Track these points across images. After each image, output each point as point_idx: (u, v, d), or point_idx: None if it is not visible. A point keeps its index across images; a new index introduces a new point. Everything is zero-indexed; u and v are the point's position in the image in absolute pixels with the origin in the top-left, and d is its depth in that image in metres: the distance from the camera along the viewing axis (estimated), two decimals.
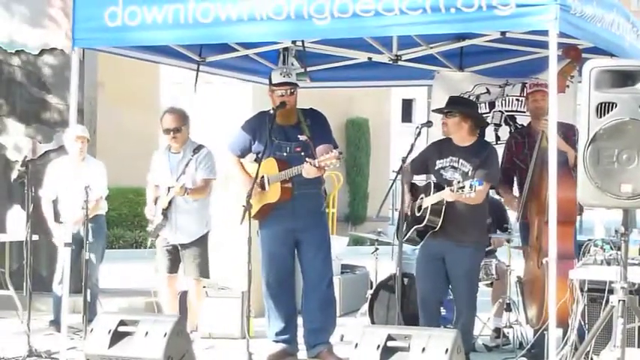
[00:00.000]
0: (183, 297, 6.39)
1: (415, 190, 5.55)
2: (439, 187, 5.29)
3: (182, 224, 6.05)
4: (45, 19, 8.33)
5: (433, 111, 5.70)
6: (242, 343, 5.47)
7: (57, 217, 6.73)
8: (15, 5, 8.34)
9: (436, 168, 5.46)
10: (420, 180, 5.75)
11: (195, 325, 6.27)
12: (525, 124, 6.11)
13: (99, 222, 6.78)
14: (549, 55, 4.26)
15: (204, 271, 6.14)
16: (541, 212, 5.21)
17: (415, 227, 5.40)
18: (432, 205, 5.29)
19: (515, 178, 5.84)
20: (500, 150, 5.90)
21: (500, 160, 5.66)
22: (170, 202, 6.02)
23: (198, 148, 6.06)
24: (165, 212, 6.04)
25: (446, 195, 5.15)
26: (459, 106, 5.53)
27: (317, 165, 5.23)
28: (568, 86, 5.41)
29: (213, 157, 6.07)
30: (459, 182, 5.01)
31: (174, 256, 6.16)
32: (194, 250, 6.08)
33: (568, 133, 5.34)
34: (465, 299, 5.42)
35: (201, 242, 6.11)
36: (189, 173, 6.00)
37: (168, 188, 5.99)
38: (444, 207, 5.25)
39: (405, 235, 5.35)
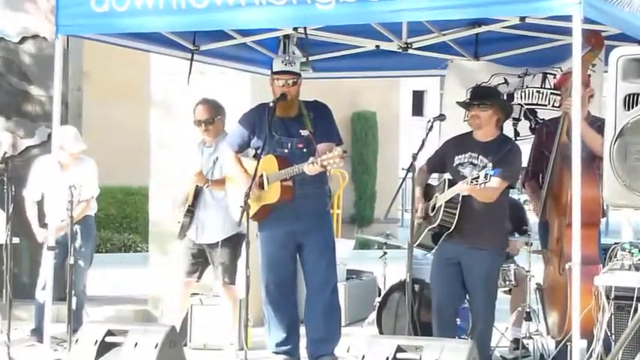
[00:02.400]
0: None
1: (430, 190, 5.54)
2: (453, 184, 5.29)
3: (209, 222, 6.01)
4: (26, 2, 8.33)
5: (460, 104, 5.64)
6: (240, 354, 5.47)
7: (42, 219, 6.72)
8: None
9: (454, 165, 5.45)
10: (434, 179, 5.74)
11: (230, 338, 6.14)
12: (547, 119, 6.08)
13: (88, 223, 6.78)
14: (573, 43, 4.24)
15: (230, 277, 6.04)
16: (561, 213, 5.19)
17: (429, 228, 5.38)
18: (445, 202, 5.28)
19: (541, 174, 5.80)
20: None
21: (529, 152, 5.63)
22: (196, 198, 5.99)
23: None
24: (192, 209, 6.01)
25: (460, 188, 5.15)
26: (492, 98, 5.53)
27: (319, 164, 5.23)
28: (589, 76, 5.39)
29: None
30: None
31: (198, 260, 6.11)
32: (222, 251, 5.97)
33: (595, 124, 5.30)
34: (482, 307, 5.41)
35: (232, 243, 5.99)
36: (219, 166, 5.99)
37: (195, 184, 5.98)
38: (459, 205, 5.24)
39: (418, 238, 5.33)
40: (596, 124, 5.08)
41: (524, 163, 5.72)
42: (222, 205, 5.96)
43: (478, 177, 4.98)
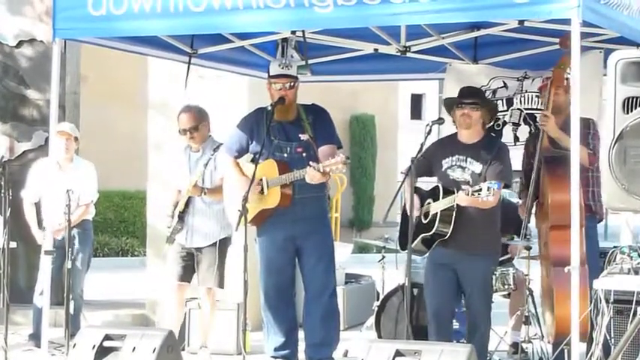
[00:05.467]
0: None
1: (419, 195, 5.50)
2: (448, 191, 5.26)
3: (198, 226, 6.06)
4: (24, 6, 8.33)
5: (448, 100, 5.61)
6: (238, 359, 5.47)
7: (41, 223, 6.72)
8: None
9: (443, 169, 5.42)
10: (422, 182, 5.70)
11: (205, 341, 6.26)
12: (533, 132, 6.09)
13: (85, 227, 6.78)
14: (571, 46, 4.25)
15: (220, 280, 6.10)
16: (545, 217, 5.21)
17: (422, 236, 5.36)
18: (441, 211, 5.25)
19: None
20: (518, 152, 5.89)
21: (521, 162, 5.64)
22: (187, 205, 6.03)
23: (218, 147, 6.07)
24: (182, 215, 6.04)
25: (459, 199, 5.12)
26: (483, 99, 5.52)
27: (321, 170, 5.23)
28: (567, 79, 5.37)
29: None
30: (473, 185, 4.98)
31: (188, 264, 6.14)
32: (211, 255, 6.04)
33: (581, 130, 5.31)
34: (480, 311, 5.41)
35: (220, 246, 6.06)
36: (209, 172, 6.02)
37: (187, 190, 6.00)
38: (454, 213, 5.21)
39: (411, 243, 5.31)
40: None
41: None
42: (213, 210, 6.02)
43: (480, 190, 4.93)
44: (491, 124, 5.91)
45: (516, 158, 5.81)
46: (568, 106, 4.90)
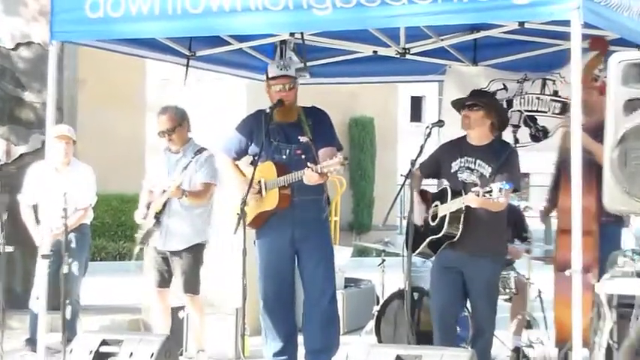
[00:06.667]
0: (175, 313, 6.38)
1: (426, 197, 5.50)
2: (456, 193, 5.25)
3: (174, 229, 6.04)
4: (21, 7, 8.33)
5: (453, 102, 5.61)
6: None
7: (39, 223, 6.70)
8: None
9: (452, 171, 5.41)
10: (427, 184, 5.70)
11: (201, 345, 6.24)
12: (546, 126, 6.08)
13: (83, 231, 6.78)
14: (572, 48, 4.25)
15: (192, 286, 6.10)
16: (560, 221, 5.21)
17: (430, 238, 5.35)
18: (450, 212, 5.24)
19: None
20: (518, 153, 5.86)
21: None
22: (165, 206, 6.00)
23: (200, 151, 6.08)
24: (159, 216, 6.02)
25: (470, 200, 5.09)
26: (485, 99, 5.49)
27: (319, 171, 5.21)
28: (596, 80, 5.37)
29: (215, 162, 6.07)
30: (484, 186, 4.95)
31: (165, 268, 6.14)
32: (184, 259, 6.06)
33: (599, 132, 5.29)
34: (485, 316, 5.39)
35: (194, 252, 6.08)
36: (188, 175, 6.00)
37: (164, 191, 5.98)
38: (463, 214, 5.20)
39: (418, 246, 5.30)
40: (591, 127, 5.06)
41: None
42: (190, 214, 6.01)
43: (491, 190, 4.91)
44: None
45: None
46: (601, 107, 4.87)
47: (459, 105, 5.48)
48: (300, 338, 5.76)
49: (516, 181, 5.32)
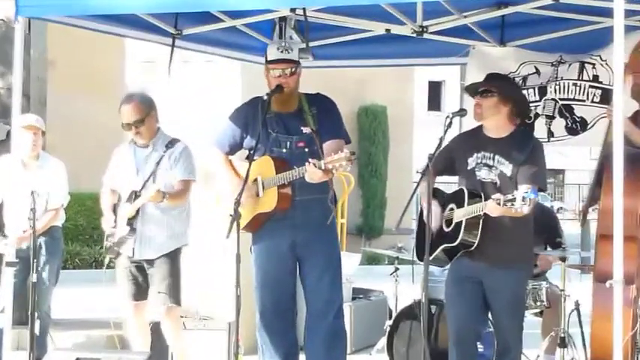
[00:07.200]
0: (156, 328, 6.40)
1: (440, 198, 5.50)
2: (474, 195, 5.24)
3: (150, 236, 6.06)
4: None
5: (466, 88, 5.59)
6: None
7: (2, 229, 6.72)
8: None
9: (468, 168, 5.38)
10: (441, 183, 5.68)
11: None
12: (585, 116, 6.07)
13: (54, 235, 6.79)
14: (614, 26, 4.26)
15: (174, 296, 6.12)
16: (600, 225, 5.21)
17: (445, 246, 5.35)
18: (466, 219, 5.24)
19: None
20: (553, 149, 5.87)
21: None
22: (138, 210, 6.01)
23: (171, 143, 6.05)
24: (131, 222, 6.04)
25: (489, 209, 5.06)
26: (498, 82, 5.42)
27: (323, 167, 5.21)
28: None
29: (191, 155, 6.07)
30: (501, 187, 4.95)
31: (140, 279, 6.16)
32: (162, 267, 6.07)
33: None
34: (509, 332, 5.39)
35: (172, 258, 6.10)
36: (162, 173, 6.00)
37: (134, 193, 5.99)
38: (481, 221, 5.18)
39: (429, 253, 5.30)
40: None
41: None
42: (168, 216, 6.03)
43: (514, 199, 4.86)
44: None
45: (550, 156, 5.79)
46: None
47: (472, 91, 5.43)
48: (302, 357, 5.78)
49: (542, 181, 5.30)
